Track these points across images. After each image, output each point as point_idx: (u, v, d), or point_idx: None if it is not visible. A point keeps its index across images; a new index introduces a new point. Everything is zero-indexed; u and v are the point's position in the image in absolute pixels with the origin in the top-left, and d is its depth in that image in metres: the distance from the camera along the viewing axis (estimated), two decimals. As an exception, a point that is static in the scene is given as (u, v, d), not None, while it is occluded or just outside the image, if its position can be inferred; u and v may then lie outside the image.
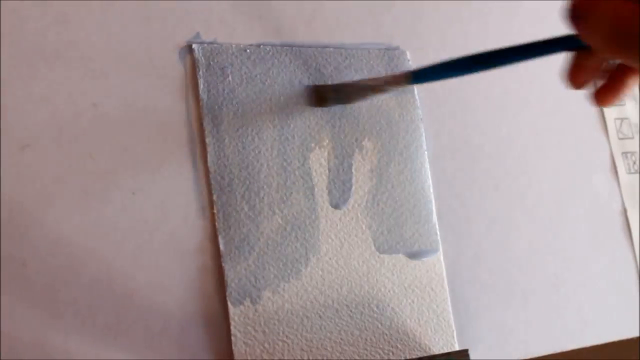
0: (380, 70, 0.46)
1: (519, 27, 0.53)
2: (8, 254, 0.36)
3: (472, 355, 0.44)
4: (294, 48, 0.44)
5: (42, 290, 0.36)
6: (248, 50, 0.43)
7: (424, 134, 0.47)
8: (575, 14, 0.30)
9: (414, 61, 0.48)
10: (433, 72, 0.39)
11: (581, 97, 0.54)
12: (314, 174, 0.43)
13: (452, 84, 0.50)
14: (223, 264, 0.39)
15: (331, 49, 0.46)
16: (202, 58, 0.41)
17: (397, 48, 0.48)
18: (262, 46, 0.43)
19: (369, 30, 0.48)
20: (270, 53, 0.43)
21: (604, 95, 0.35)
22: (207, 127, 0.41)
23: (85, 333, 0.37)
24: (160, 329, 0.38)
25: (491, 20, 0.52)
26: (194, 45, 0.42)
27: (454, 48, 0.50)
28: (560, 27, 0.33)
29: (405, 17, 0.49)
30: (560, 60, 0.54)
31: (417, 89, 0.47)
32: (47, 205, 0.37)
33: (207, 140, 0.41)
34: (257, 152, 0.42)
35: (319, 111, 0.44)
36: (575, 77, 0.34)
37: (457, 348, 0.44)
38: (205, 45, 0.42)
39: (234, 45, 0.43)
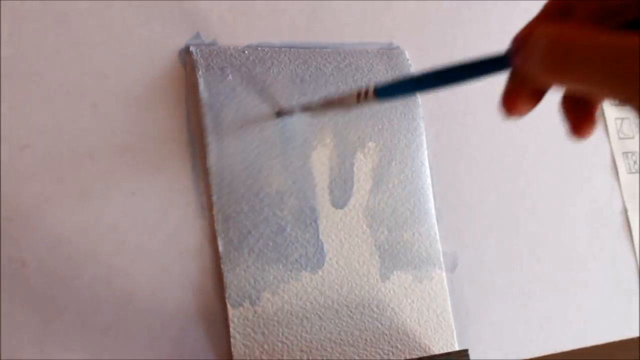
0: (380, 70, 0.46)
1: (519, 27, 0.53)
2: (8, 254, 0.36)
3: (472, 355, 0.44)
4: (292, 49, 0.44)
5: (42, 290, 0.36)
6: (246, 52, 0.43)
7: (424, 133, 0.47)
8: (514, 46, 0.28)
9: (414, 61, 0.48)
10: (396, 88, 0.36)
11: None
12: (315, 173, 0.43)
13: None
14: (222, 266, 0.39)
15: (330, 49, 0.46)
16: (201, 59, 0.41)
17: (396, 47, 0.48)
18: (260, 48, 0.43)
19: (369, 30, 0.48)
20: (269, 54, 0.43)
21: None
22: (209, 125, 0.41)
23: (85, 333, 0.37)
24: (160, 329, 0.38)
25: (491, 20, 0.52)
26: (191, 48, 0.42)
27: (454, 48, 0.50)
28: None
29: (405, 17, 0.49)
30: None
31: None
32: (47, 205, 0.37)
33: (209, 139, 0.41)
34: (258, 151, 0.42)
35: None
36: (511, 103, 0.31)
37: (457, 348, 0.44)
38: (204, 47, 0.42)
39: (232, 47, 0.43)
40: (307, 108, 0.42)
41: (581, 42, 0.24)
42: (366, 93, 0.36)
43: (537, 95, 0.30)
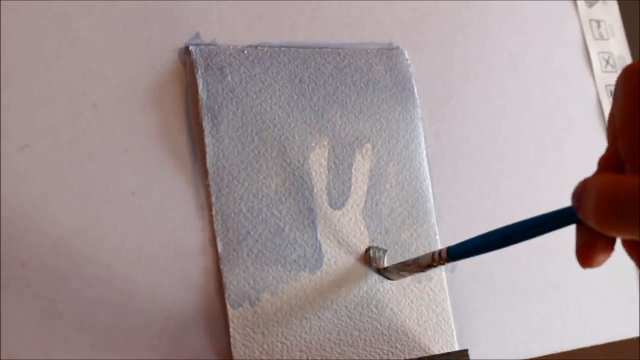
0: (379, 70, 0.46)
1: (519, 27, 0.53)
2: (8, 254, 0.36)
3: (472, 355, 0.44)
4: (292, 49, 0.44)
5: (42, 290, 0.36)
6: (246, 51, 0.43)
7: (423, 133, 0.47)
8: (574, 197, 0.28)
9: (414, 61, 0.48)
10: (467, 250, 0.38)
11: (581, 97, 0.54)
12: (313, 174, 0.43)
13: (452, 83, 0.50)
14: (221, 266, 0.39)
15: (329, 49, 0.46)
16: (200, 59, 0.41)
17: (396, 48, 0.48)
18: (259, 47, 0.43)
19: (369, 30, 0.48)
20: (268, 54, 0.43)
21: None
22: (207, 127, 0.41)
23: (85, 333, 0.37)
24: (160, 330, 0.38)
25: (491, 20, 0.52)
26: (190, 47, 0.42)
27: (453, 48, 0.50)
28: (558, 27, 0.34)
29: (405, 17, 0.49)
30: (557, 58, 0.54)
31: (417, 88, 0.47)
32: (47, 205, 0.37)
33: (207, 140, 0.41)
34: (256, 152, 0.42)
35: (320, 110, 0.44)
36: (586, 255, 0.30)
37: (456, 348, 0.44)
38: (203, 46, 0.42)
39: (231, 47, 0.43)
40: (385, 271, 0.43)
41: (624, 192, 0.24)
42: (440, 255, 0.38)
43: (610, 243, 0.30)
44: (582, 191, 0.27)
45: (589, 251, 0.30)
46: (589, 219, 0.26)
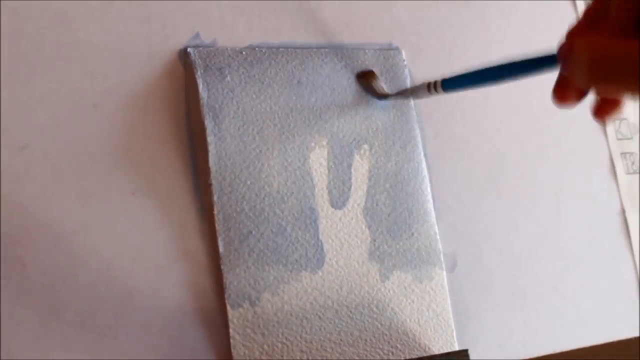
0: (376, 70, 0.46)
1: (518, 27, 0.53)
2: (8, 254, 0.36)
3: (472, 355, 0.44)
4: (289, 49, 0.44)
5: (42, 290, 0.36)
6: (244, 53, 0.43)
7: (419, 135, 0.47)
8: (561, 56, 0.31)
9: (413, 61, 0.48)
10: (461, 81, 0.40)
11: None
12: (314, 173, 0.43)
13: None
14: (222, 266, 0.39)
15: (326, 49, 0.45)
16: (199, 60, 0.41)
17: (395, 48, 0.48)
18: (257, 48, 0.43)
19: (369, 30, 0.48)
20: (267, 54, 0.43)
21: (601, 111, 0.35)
22: (209, 125, 0.41)
23: (85, 333, 0.37)
24: (160, 329, 0.38)
25: (491, 20, 0.52)
26: (189, 49, 0.42)
27: (453, 48, 0.50)
28: (557, 27, 0.34)
29: (405, 18, 0.49)
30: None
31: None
32: (47, 205, 0.37)
33: (209, 139, 0.41)
34: (258, 151, 0.42)
35: (318, 111, 0.44)
36: (562, 95, 0.34)
37: (456, 348, 0.44)
38: (201, 49, 0.42)
39: (229, 48, 0.43)
40: (395, 94, 0.46)
41: (616, 56, 0.27)
42: (435, 85, 0.41)
43: (583, 91, 0.33)
44: (569, 53, 0.30)
45: (564, 92, 0.34)
46: (578, 78, 0.30)
